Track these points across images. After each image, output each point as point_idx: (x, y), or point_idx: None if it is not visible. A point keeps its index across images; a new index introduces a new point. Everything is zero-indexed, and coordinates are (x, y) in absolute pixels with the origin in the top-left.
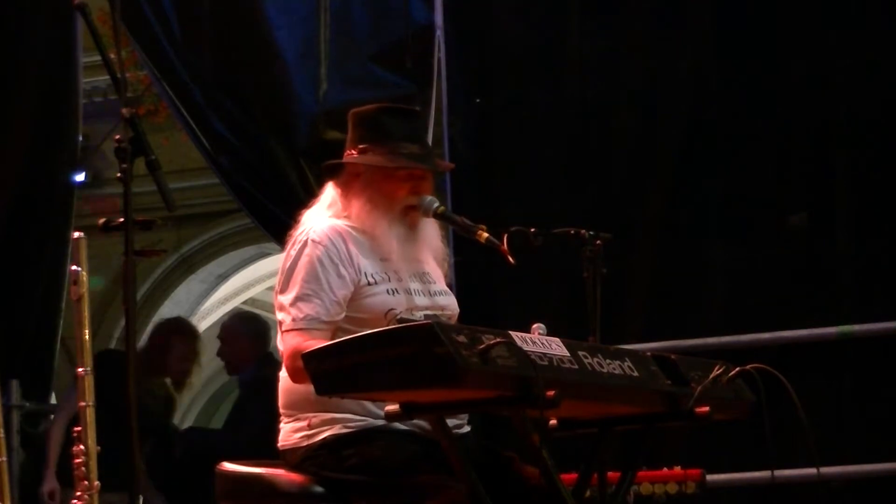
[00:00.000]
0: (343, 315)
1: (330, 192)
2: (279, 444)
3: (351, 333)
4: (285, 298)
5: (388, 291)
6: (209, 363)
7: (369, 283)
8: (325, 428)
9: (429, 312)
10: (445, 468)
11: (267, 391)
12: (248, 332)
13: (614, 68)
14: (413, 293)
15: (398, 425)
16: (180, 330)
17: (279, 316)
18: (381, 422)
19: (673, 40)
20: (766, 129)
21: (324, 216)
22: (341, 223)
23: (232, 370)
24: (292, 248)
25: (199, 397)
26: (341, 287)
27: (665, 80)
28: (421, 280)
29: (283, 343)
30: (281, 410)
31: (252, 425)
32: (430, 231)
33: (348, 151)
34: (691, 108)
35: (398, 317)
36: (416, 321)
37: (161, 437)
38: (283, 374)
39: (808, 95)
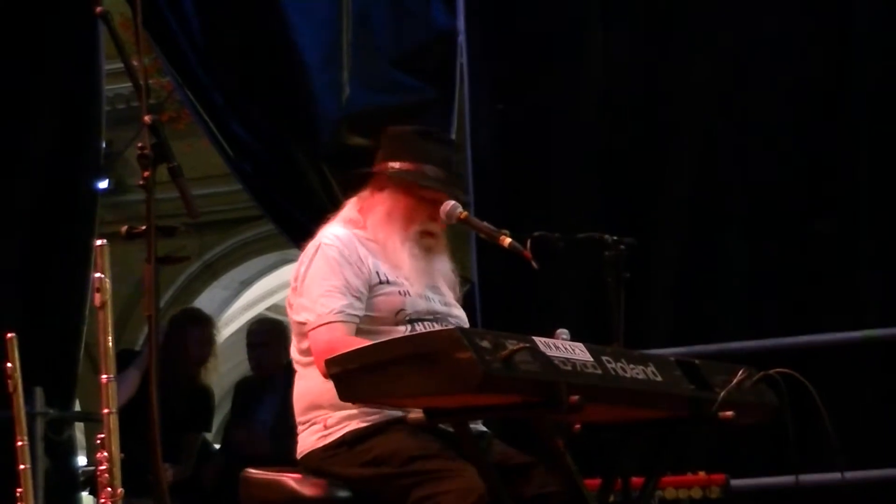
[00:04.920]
0: (363, 311)
1: (349, 208)
2: (298, 454)
3: (364, 333)
4: (306, 299)
5: (399, 292)
6: (231, 371)
7: (381, 282)
8: (341, 426)
9: (439, 315)
10: (462, 456)
11: None
12: (279, 337)
13: (638, 72)
14: (423, 298)
15: None
16: (195, 317)
17: (301, 317)
18: (397, 413)
19: (697, 43)
20: (791, 131)
21: (337, 227)
22: (353, 231)
23: (263, 373)
24: (305, 256)
25: (221, 404)
26: (359, 284)
27: (689, 83)
28: (432, 290)
29: (314, 341)
30: (297, 419)
31: None
32: (442, 260)
33: (379, 165)
34: (715, 111)
35: (408, 317)
36: (426, 320)
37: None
38: (297, 384)
39: (833, 96)
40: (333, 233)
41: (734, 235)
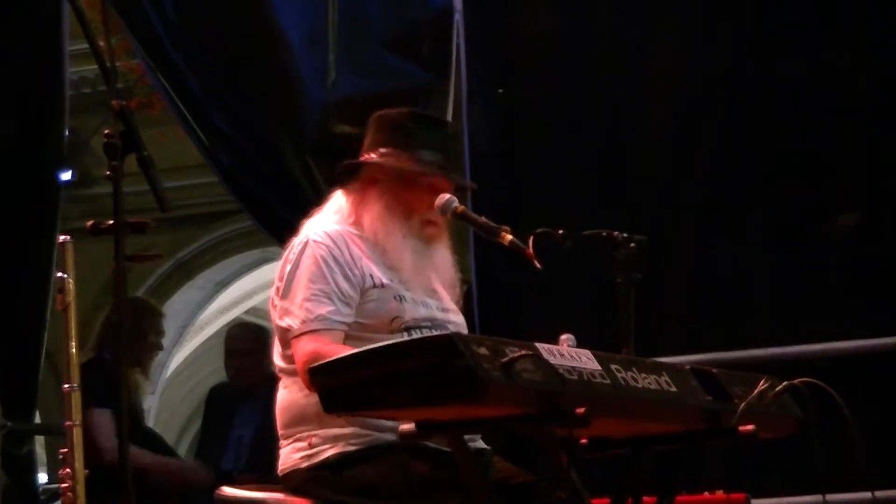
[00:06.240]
0: (353, 318)
1: (337, 200)
2: (279, 470)
3: (355, 339)
4: (290, 303)
5: (395, 298)
6: (207, 378)
7: (374, 286)
8: (327, 446)
9: (438, 322)
10: (459, 488)
11: None
12: (262, 344)
13: (648, 56)
14: (421, 304)
15: None
16: (151, 310)
17: (285, 322)
18: (388, 436)
19: (710, 28)
20: (812, 125)
21: (326, 222)
22: (345, 228)
23: (242, 383)
24: (291, 253)
25: (195, 415)
26: (349, 287)
27: (702, 71)
28: (429, 295)
29: (297, 350)
30: (280, 432)
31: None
32: (443, 253)
33: (367, 155)
34: (731, 99)
35: (404, 325)
36: (424, 328)
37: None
38: (281, 394)
39: (857, 89)
40: (323, 229)
41: (754, 232)
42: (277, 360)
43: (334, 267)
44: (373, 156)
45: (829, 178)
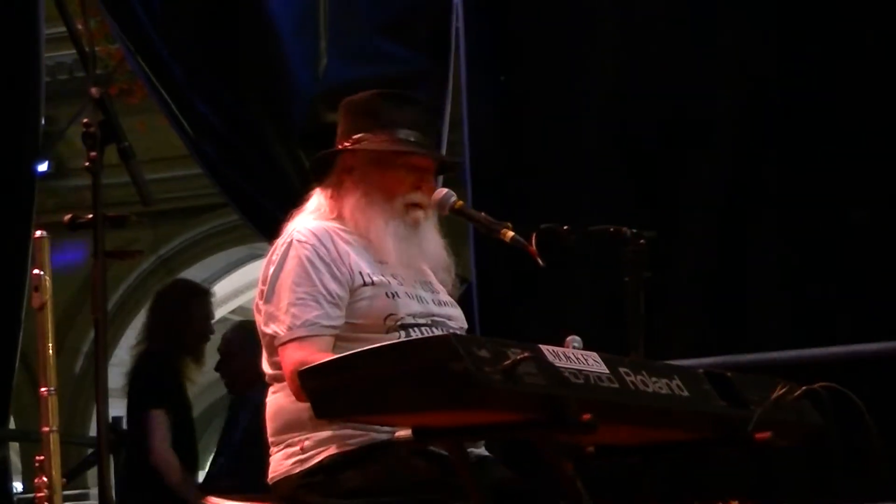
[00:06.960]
0: (343, 320)
1: (315, 199)
2: (269, 477)
3: (347, 341)
4: (275, 307)
5: (387, 294)
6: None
7: (364, 284)
8: (320, 449)
9: (436, 318)
10: (458, 489)
11: None
12: (256, 345)
13: (660, 40)
14: (415, 299)
15: None
16: (196, 291)
17: (270, 328)
18: (384, 436)
19: (727, 8)
20: (832, 116)
21: (308, 220)
22: (328, 224)
23: (238, 388)
24: (275, 254)
25: None
26: (338, 288)
27: (717, 55)
28: (423, 287)
29: (284, 358)
30: (270, 439)
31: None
32: (431, 236)
33: (341, 144)
34: (747, 86)
35: (399, 322)
36: (422, 325)
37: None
38: (270, 400)
39: (861, 88)
40: (306, 227)
41: (772, 228)
42: (265, 366)
43: (320, 267)
44: (346, 144)
45: (850, 169)
